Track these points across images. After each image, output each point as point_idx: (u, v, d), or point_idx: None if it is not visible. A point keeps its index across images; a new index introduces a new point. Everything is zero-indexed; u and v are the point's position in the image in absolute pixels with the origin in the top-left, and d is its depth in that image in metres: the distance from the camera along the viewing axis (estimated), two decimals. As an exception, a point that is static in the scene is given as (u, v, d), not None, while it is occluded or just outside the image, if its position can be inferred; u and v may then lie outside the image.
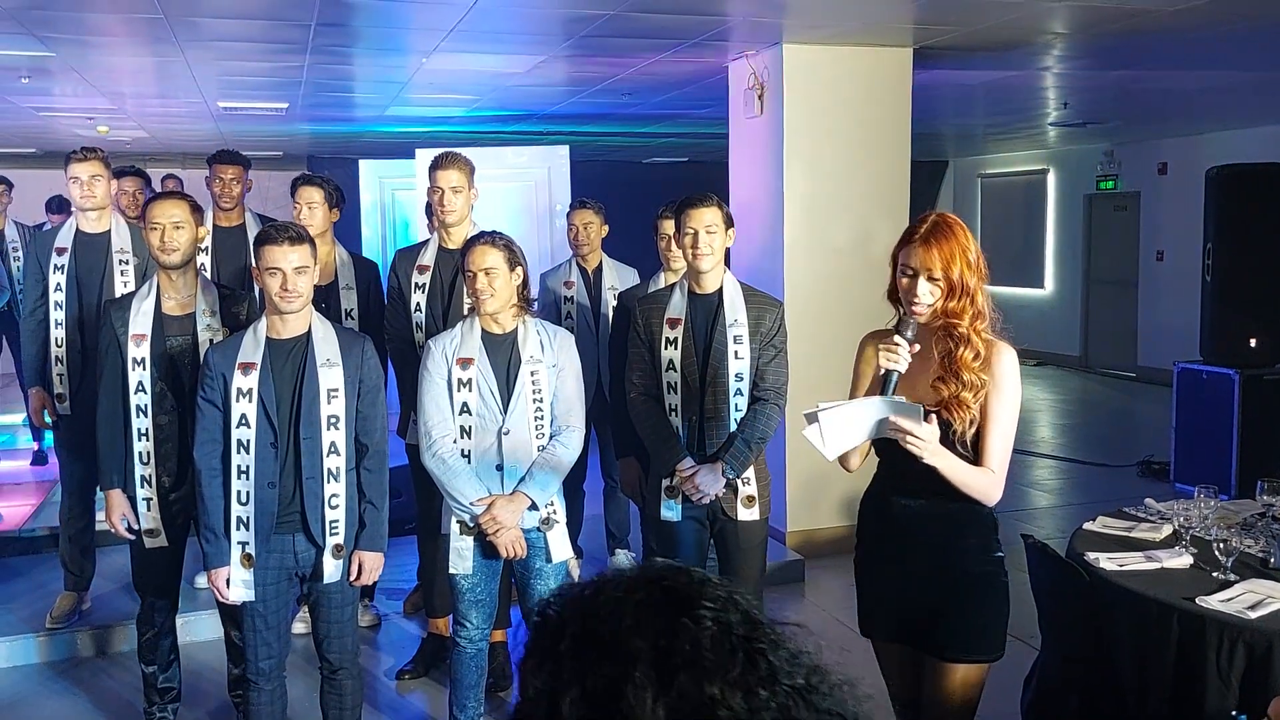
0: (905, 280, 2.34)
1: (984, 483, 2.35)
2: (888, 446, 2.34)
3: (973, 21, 5.00)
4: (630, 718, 0.74)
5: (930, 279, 2.30)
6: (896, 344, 2.27)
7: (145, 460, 3.21)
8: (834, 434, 2.27)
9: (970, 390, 2.30)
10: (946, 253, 2.27)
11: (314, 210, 3.92)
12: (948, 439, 2.31)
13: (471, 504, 3.06)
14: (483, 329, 3.13)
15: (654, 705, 0.74)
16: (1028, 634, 3.26)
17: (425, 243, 3.95)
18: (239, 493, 2.90)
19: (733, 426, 3.21)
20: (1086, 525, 3.31)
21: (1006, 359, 2.36)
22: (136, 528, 3.26)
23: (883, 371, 2.28)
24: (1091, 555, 2.94)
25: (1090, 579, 2.84)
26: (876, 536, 2.52)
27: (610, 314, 4.55)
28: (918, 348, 2.32)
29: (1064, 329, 12.20)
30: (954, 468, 2.31)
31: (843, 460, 2.51)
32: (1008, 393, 2.36)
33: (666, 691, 0.75)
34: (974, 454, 2.36)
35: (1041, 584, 3.04)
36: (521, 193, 7.64)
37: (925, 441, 2.23)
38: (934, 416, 2.29)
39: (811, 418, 2.26)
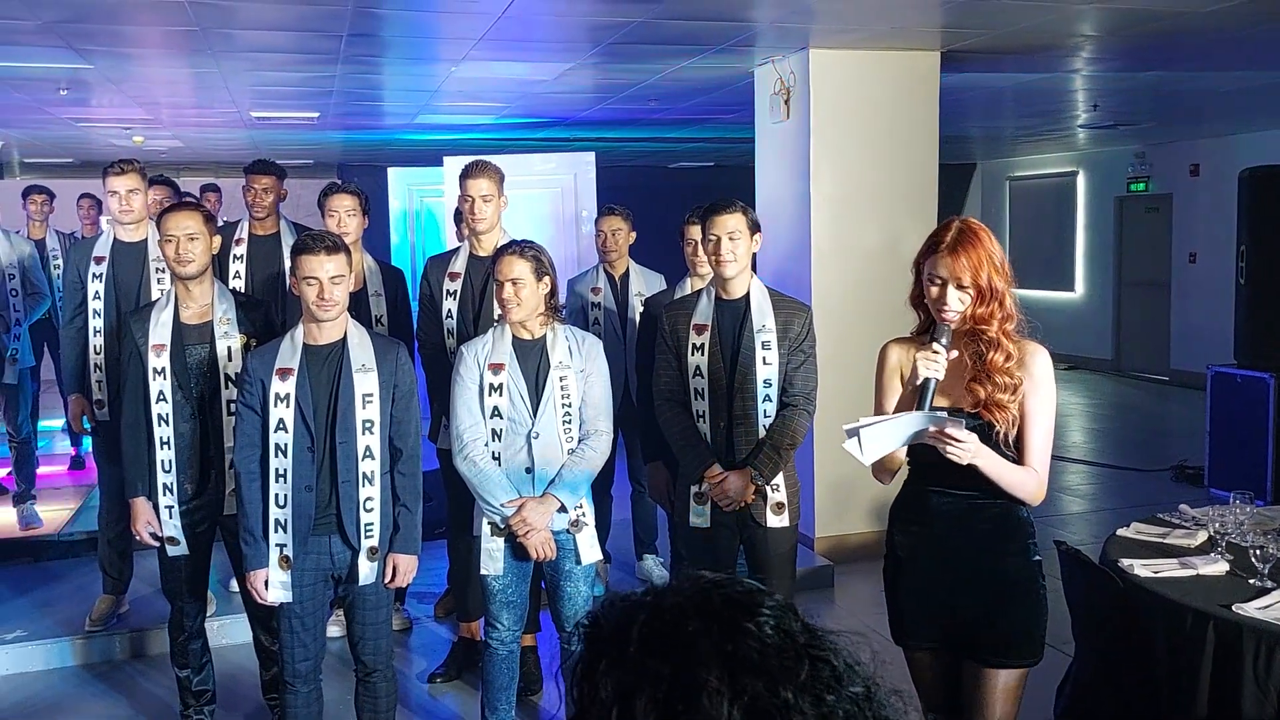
0: (934, 289, 2.34)
1: (1028, 482, 2.36)
2: (921, 448, 2.35)
3: (1001, 24, 4.99)
4: None
5: (959, 287, 2.30)
6: (936, 351, 2.28)
7: (167, 468, 3.26)
8: (872, 445, 2.29)
9: (1006, 391, 2.31)
10: (975, 260, 2.28)
11: (351, 218, 3.97)
12: (991, 440, 2.32)
13: (502, 506, 3.10)
14: (513, 335, 3.17)
15: (730, 709, 0.76)
16: (1061, 640, 3.24)
17: (456, 250, 3.99)
18: (277, 495, 2.94)
19: (761, 432, 3.22)
20: (1120, 531, 3.28)
21: (1041, 359, 2.37)
22: (160, 535, 3.31)
23: (921, 379, 2.28)
24: (1125, 561, 2.92)
25: (1124, 586, 2.82)
26: (912, 539, 2.51)
27: (637, 319, 4.56)
28: (954, 354, 2.33)
29: (1095, 332, 12.09)
30: (998, 466, 2.31)
31: (877, 473, 2.51)
32: (1045, 392, 2.37)
33: (740, 696, 0.76)
34: (1016, 455, 2.36)
35: (1075, 590, 3.02)
36: (548, 199, 7.67)
37: (966, 446, 2.23)
38: (964, 420, 2.30)
39: (852, 432, 2.27)
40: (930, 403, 2.30)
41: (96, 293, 4.11)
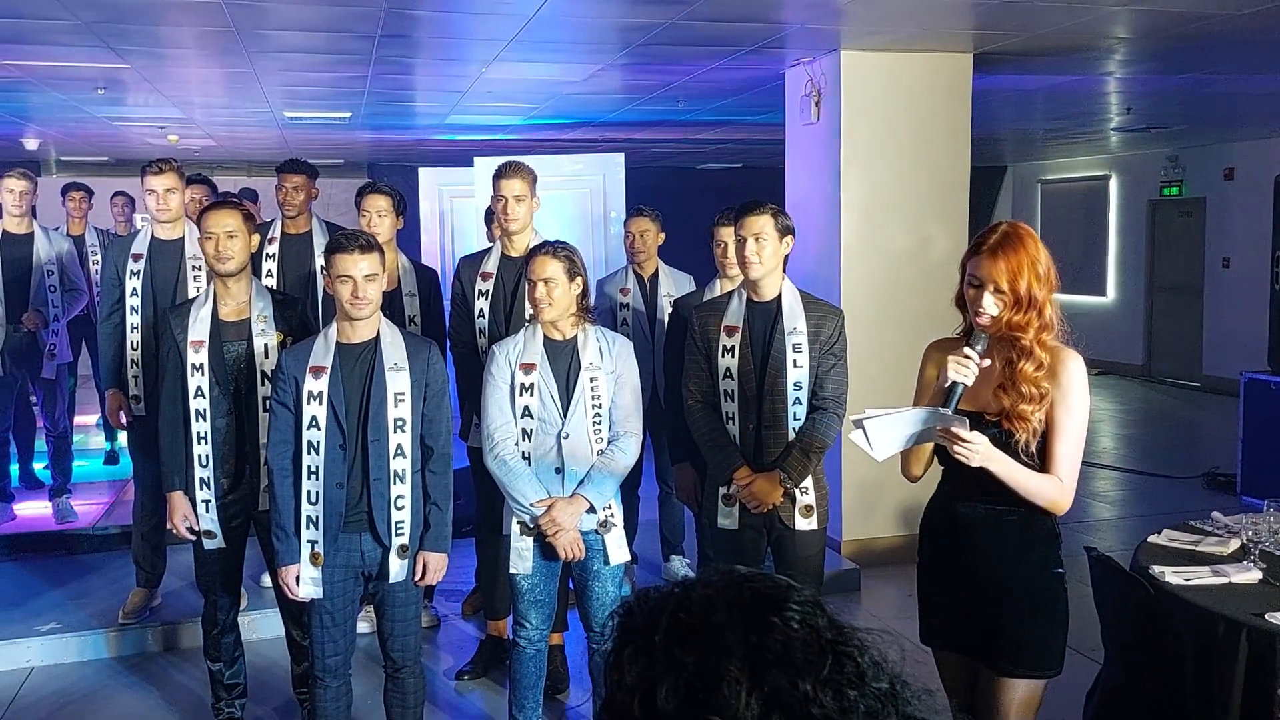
0: (972, 291, 2.33)
1: (1048, 489, 2.33)
2: (949, 453, 2.34)
3: (1034, 27, 4.95)
4: (725, 710, 0.77)
5: (996, 291, 2.29)
6: (967, 356, 2.27)
7: (204, 463, 3.31)
8: (880, 439, 2.29)
9: (1028, 402, 2.29)
10: (1014, 265, 2.26)
11: (383, 218, 4.01)
12: (1011, 449, 2.30)
13: (531, 505, 3.12)
14: (544, 335, 3.18)
15: (749, 699, 0.77)
16: (1090, 647, 3.23)
17: (488, 250, 4.01)
18: (309, 492, 2.98)
19: (791, 435, 3.21)
20: (1151, 538, 3.26)
21: (1073, 366, 2.34)
22: (197, 529, 3.36)
23: (948, 383, 2.27)
24: (1157, 569, 2.90)
25: (1155, 593, 2.80)
26: (939, 544, 2.51)
27: (666, 321, 4.57)
28: (987, 362, 2.31)
29: (1126, 337, 11.98)
30: (1012, 472, 2.30)
31: (906, 468, 2.51)
32: (1075, 401, 2.33)
33: (760, 687, 0.78)
34: (1041, 463, 2.35)
35: (1105, 597, 3.00)
36: (577, 200, 7.69)
37: (973, 447, 2.22)
38: (968, 420, 2.28)
39: (858, 423, 2.28)
40: (955, 407, 2.29)
41: (134, 289, 4.17)
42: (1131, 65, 6.17)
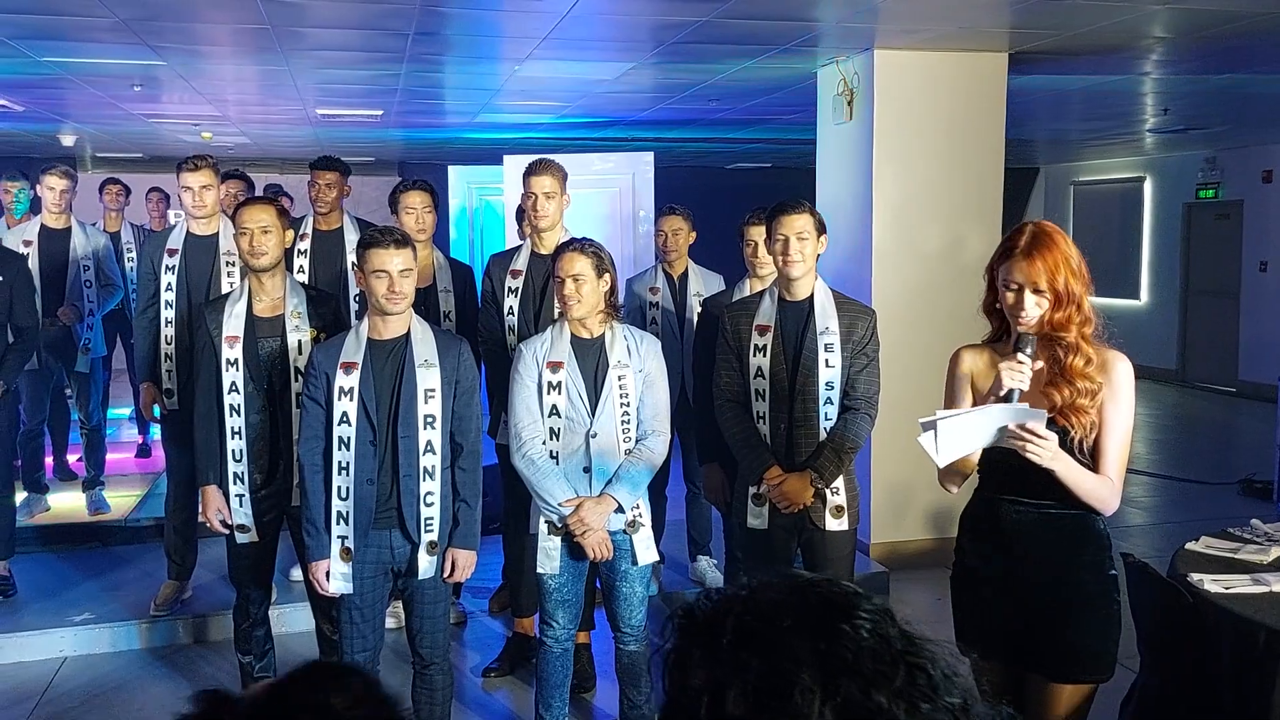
0: (1010, 295, 2.30)
1: (1102, 490, 2.31)
2: (996, 453, 2.31)
3: (1071, 26, 4.89)
4: (797, 718, 0.76)
5: (1036, 291, 2.26)
6: (1020, 362, 2.24)
7: (238, 458, 3.33)
8: (949, 442, 2.24)
9: (1085, 395, 2.27)
10: (1051, 264, 2.23)
11: (427, 214, 4.02)
12: (1066, 446, 2.27)
13: (559, 505, 3.11)
14: (572, 334, 3.17)
15: (821, 708, 0.76)
16: (1126, 655, 3.18)
17: (518, 248, 4.02)
18: (339, 488, 2.98)
19: (822, 435, 3.19)
20: (1189, 545, 3.21)
21: (1123, 368, 2.33)
22: (230, 523, 3.37)
23: (1004, 390, 2.24)
24: (1195, 576, 2.85)
25: (1194, 601, 2.75)
26: (983, 547, 2.47)
27: (695, 320, 4.56)
28: (1039, 364, 2.29)
29: (1160, 341, 11.82)
30: (1073, 472, 2.26)
31: (946, 479, 2.47)
32: (1125, 401, 2.32)
33: (833, 696, 0.76)
34: (1092, 463, 2.32)
35: (1142, 604, 2.95)
36: (606, 199, 7.68)
37: (1048, 445, 2.19)
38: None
39: (928, 425, 2.23)
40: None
41: (169, 284, 4.21)
42: (1169, 65, 6.08)
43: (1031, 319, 2.28)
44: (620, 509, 3.13)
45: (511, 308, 3.86)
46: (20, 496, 5.08)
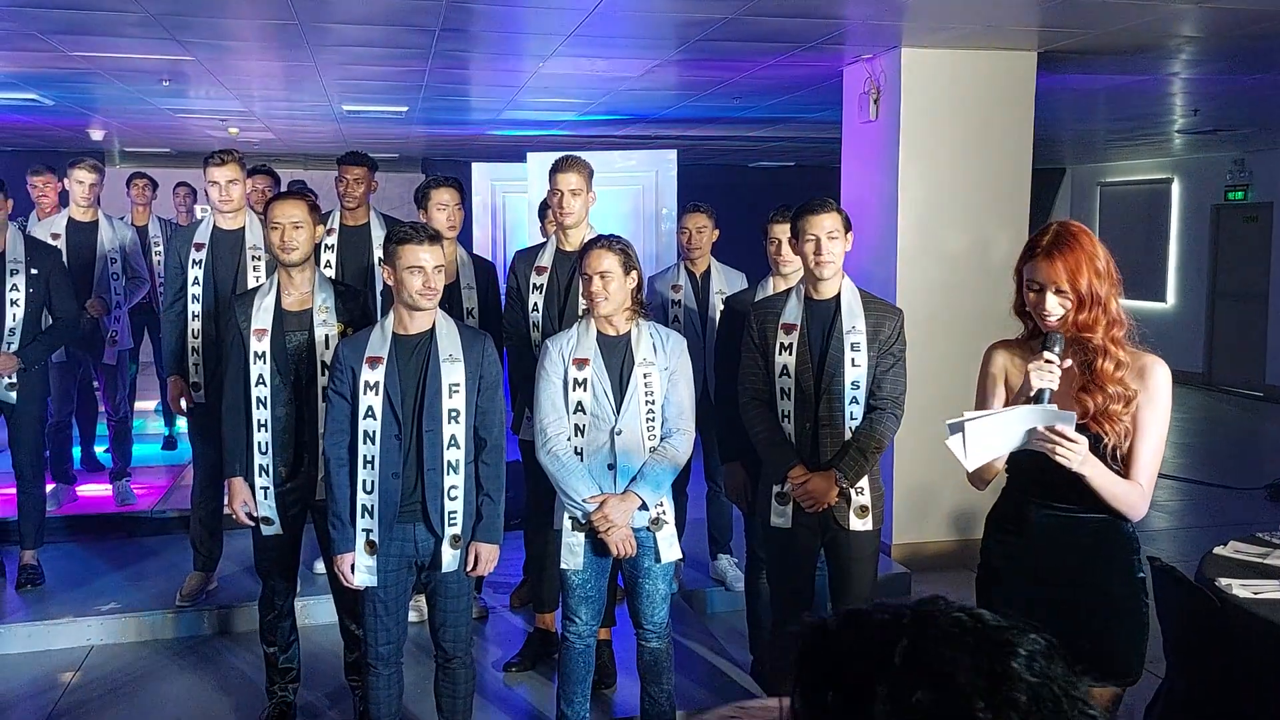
0: (1033, 295, 2.29)
1: (1132, 496, 2.29)
2: (1024, 455, 2.29)
3: (1101, 24, 4.85)
4: None
5: (1058, 292, 2.24)
6: (1049, 360, 2.22)
7: (264, 450, 3.35)
8: (977, 445, 2.22)
9: (1119, 402, 2.24)
10: (1072, 264, 2.22)
11: (455, 212, 4.04)
12: (1098, 452, 2.25)
13: (584, 501, 3.11)
14: (598, 331, 3.18)
15: None
16: (1151, 659, 3.15)
17: (543, 244, 4.02)
18: (364, 482, 3.00)
19: (848, 435, 3.17)
20: (1217, 550, 3.18)
21: (1160, 372, 2.31)
22: (255, 515, 3.40)
23: (1034, 390, 2.22)
24: (1223, 581, 2.83)
25: (1222, 605, 2.73)
26: (1009, 548, 2.45)
27: (718, 318, 4.55)
28: (1069, 363, 2.27)
29: (1186, 344, 11.71)
30: (1103, 477, 2.24)
31: (975, 479, 2.46)
32: (1161, 407, 2.30)
33: None
34: (1123, 468, 2.30)
35: (1168, 609, 2.93)
36: (629, 196, 7.68)
37: (1077, 449, 2.17)
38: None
39: (956, 427, 2.21)
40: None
41: (195, 279, 4.24)
42: (1199, 65, 6.02)
43: (1055, 319, 2.26)
44: (644, 506, 3.13)
45: (536, 304, 3.87)
46: (49, 487, 5.13)
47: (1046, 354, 2.23)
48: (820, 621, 0.84)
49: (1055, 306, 2.25)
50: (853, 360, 3.15)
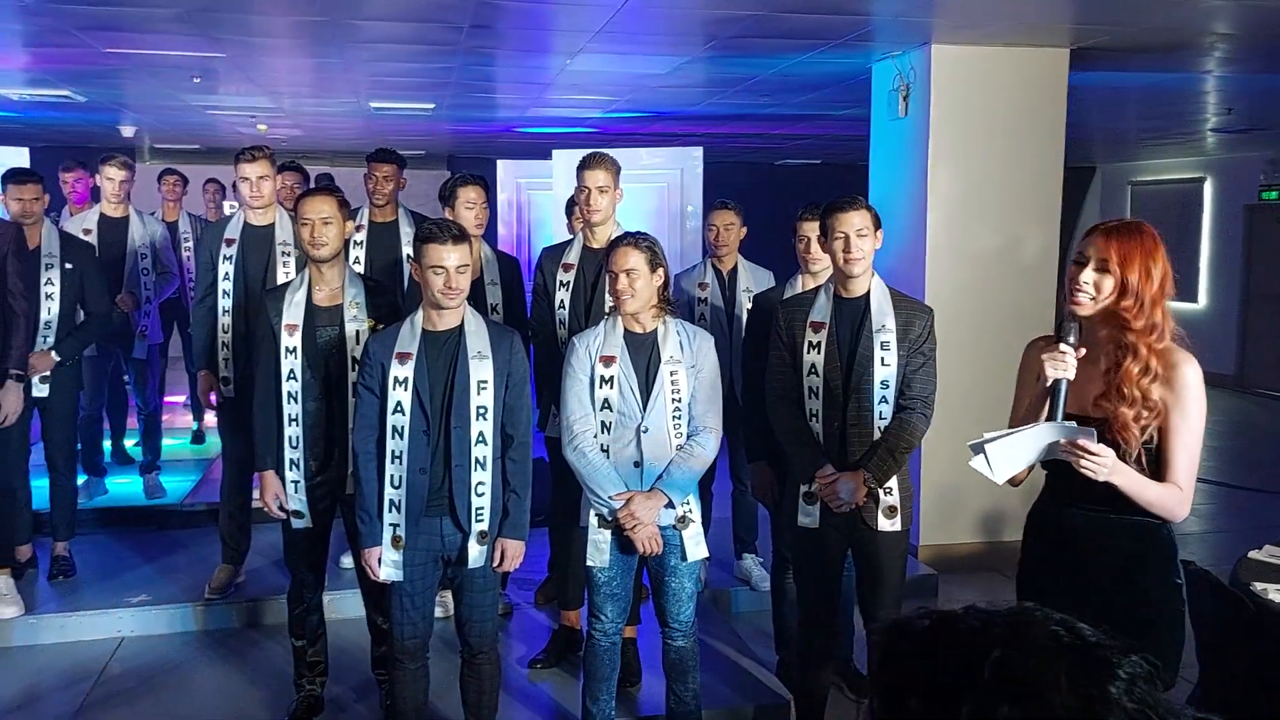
0: (1074, 268, 2.26)
1: (1169, 499, 2.25)
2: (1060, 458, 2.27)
3: (1134, 21, 4.80)
4: None
5: (1100, 269, 2.21)
6: (1062, 351, 2.19)
7: (294, 445, 3.37)
8: (1001, 461, 2.21)
9: (1130, 405, 2.20)
10: (1124, 248, 2.18)
11: (482, 210, 4.04)
12: (1123, 457, 2.22)
13: (610, 498, 3.11)
14: (624, 328, 3.17)
15: None
16: (1183, 664, 3.11)
17: (570, 241, 4.02)
18: (392, 477, 3.01)
19: (876, 434, 3.15)
20: (1252, 554, 3.14)
21: (1190, 371, 2.26)
22: (286, 508, 3.42)
23: (1050, 381, 2.20)
24: (1259, 585, 2.79)
25: (1256, 610, 2.69)
26: (1046, 552, 2.43)
27: (744, 316, 4.53)
28: (1083, 351, 2.24)
29: (1218, 346, 11.55)
30: (1134, 483, 2.21)
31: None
32: (1192, 406, 2.25)
33: None
34: (1158, 470, 2.26)
35: (1202, 613, 2.89)
36: (654, 194, 7.68)
37: (1102, 461, 2.14)
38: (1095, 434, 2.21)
39: (977, 449, 2.20)
40: (1062, 407, 2.21)
41: (226, 274, 4.28)
42: (1233, 63, 5.94)
43: (1085, 294, 2.22)
44: (670, 504, 3.12)
45: (563, 301, 3.87)
46: (80, 480, 5.18)
47: (1061, 344, 2.21)
48: (907, 623, 0.81)
49: (1090, 282, 2.21)
50: (882, 359, 3.13)
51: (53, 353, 4.46)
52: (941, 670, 0.77)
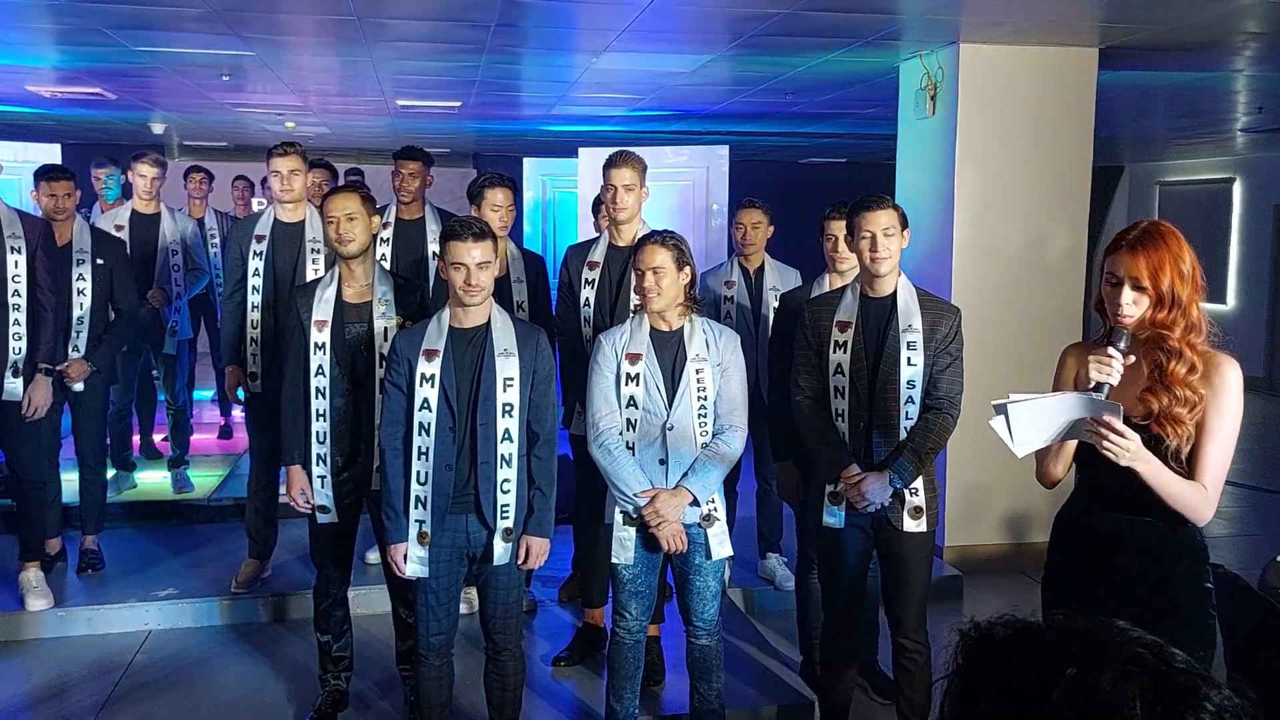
0: (1109, 288, 2.24)
1: (1193, 497, 2.22)
2: (1089, 457, 2.25)
3: (1164, 20, 4.75)
4: None
5: (1135, 287, 2.19)
6: (1110, 355, 2.17)
7: (321, 440, 3.39)
8: (1023, 429, 2.17)
9: (1185, 405, 2.18)
10: (1154, 261, 2.16)
11: (508, 213, 4.05)
12: (1160, 455, 2.20)
13: (635, 496, 3.11)
14: (651, 326, 3.17)
15: None
16: (1214, 669, 3.08)
17: (596, 239, 4.02)
18: (418, 473, 3.03)
19: (902, 435, 3.13)
20: (1282, 557, 3.10)
21: (1230, 372, 2.24)
22: (313, 503, 3.44)
23: (1092, 385, 2.18)
24: (1291, 589, 2.76)
25: (1288, 615, 2.66)
26: (1073, 556, 2.41)
27: (771, 315, 4.52)
28: (1132, 359, 2.22)
29: (1247, 347, 11.42)
30: (1159, 474, 2.18)
31: (1044, 469, 2.41)
32: (1229, 407, 2.23)
33: None
34: (1188, 469, 2.24)
35: (1230, 618, 2.86)
36: (680, 192, 7.67)
37: (1126, 443, 2.12)
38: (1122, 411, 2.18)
39: (1000, 408, 2.17)
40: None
41: (255, 270, 4.31)
42: (1264, 62, 5.87)
43: (1128, 316, 2.21)
44: (695, 502, 3.12)
45: (588, 299, 3.87)
46: (109, 474, 5.24)
47: (1111, 349, 2.19)
48: (989, 628, 0.80)
49: (1130, 302, 2.20)
50: (908, 359, 3.11)
51: (87, 363, 4.52)
52: (1016, 682, 0.76)
